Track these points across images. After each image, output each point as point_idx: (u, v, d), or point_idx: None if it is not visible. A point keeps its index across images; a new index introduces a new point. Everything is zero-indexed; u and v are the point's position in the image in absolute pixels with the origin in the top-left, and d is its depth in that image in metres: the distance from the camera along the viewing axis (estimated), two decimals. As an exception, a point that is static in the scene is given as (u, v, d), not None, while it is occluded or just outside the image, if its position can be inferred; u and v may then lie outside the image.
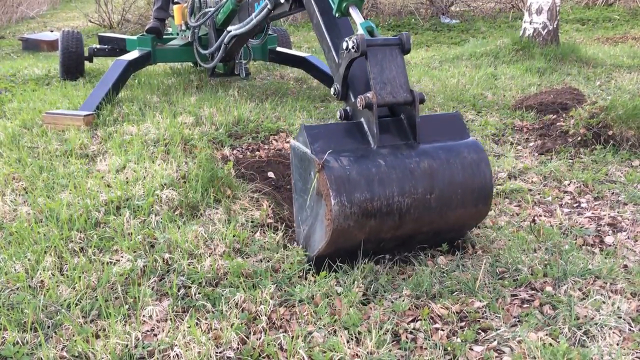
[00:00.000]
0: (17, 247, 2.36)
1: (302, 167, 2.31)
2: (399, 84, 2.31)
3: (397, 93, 2.29)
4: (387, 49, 2.34)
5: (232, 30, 4.06)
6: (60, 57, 5.73)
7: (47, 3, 16.04)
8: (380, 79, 2.29)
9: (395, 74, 2.32)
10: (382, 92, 2.27)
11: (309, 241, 2.35)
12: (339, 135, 2.29)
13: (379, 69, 2.30)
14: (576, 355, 1.75)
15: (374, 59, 2.29)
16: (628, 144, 3.60)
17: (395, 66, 2.33)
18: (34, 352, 1.79)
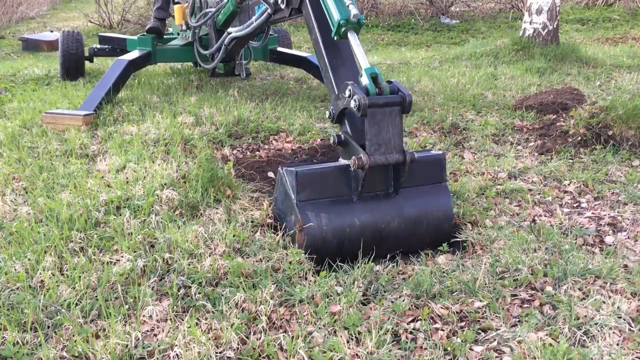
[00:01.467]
0: (17, 247, 2.36)
1: (286, 200, 2.52)
2: (393, 145, 2.39)
3: (390, 155, 2.39)
4: (387, 110, 2.39)
5: (232, 32, 4.06)
6: (60, 57, 5.72)
7: (47, 3, 16.04)
8: (376, 140, 2.37)
9: (391, 135, 2.40)
10: (375, 154, 2.36)
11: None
12: (325, 182, 2.46)
13: (376, 130, 2.37)
14: (576, 355, 1.75)
15: (373, 119, 2.36)
16: (628, 144, 3.59)
17: (392, 127, 2.40)
18: (34, 352, 1.79)
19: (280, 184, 2.55)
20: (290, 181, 2.42)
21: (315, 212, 2.41)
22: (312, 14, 2.77)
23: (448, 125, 4.08)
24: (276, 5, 3.17)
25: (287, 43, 6.29)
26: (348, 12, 2.55)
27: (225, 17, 4.37)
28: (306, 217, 2.40)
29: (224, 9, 4.33)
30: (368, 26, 11.12)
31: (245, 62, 4.93)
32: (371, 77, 2.43)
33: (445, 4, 11.58)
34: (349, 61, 2.69)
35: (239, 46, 4.45)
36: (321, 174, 2.47)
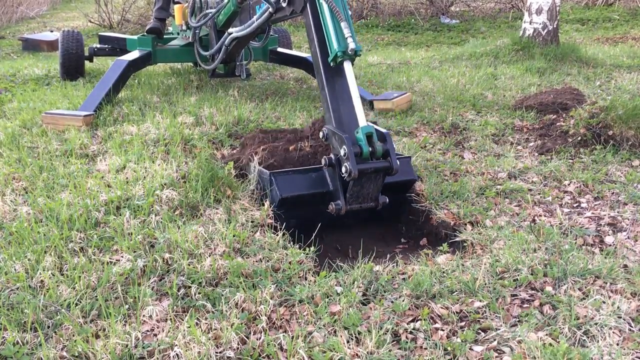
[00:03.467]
0: (17, 247, 2.36)
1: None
2: (370, 197, 2.63)
3: (365, 203, 2.63)
4: (374, 175, 2.54)
5: (232, 32, 4.06)
6: (60, 57, 5.72)
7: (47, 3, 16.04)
8: (356, 195, 2.59)
9: (370, 191, 2.61)
10: (353, 204, 2.60)
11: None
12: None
13: (358, 189, 2.57)
14: (576, 355, 1.75)
15: (358, 182, 2.53)
16: (628, 144, 3.59)
17: (374, 185, 2.59)
18: (34, 352, 1.79)
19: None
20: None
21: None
22: (313, 27, 2.82)
23: (448, 125, 4.08)
24: (277, 4, 3.17)
25: (287, 43, 6.29)
26: (346, 45, 2.63)
27: (226, 17, 4.36)
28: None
29: (225, 9, 4.33)
30: (368, 26, 11.12)
31: (246, 63, 4.93)
32: (366, 135, 2.53)
33: (445, 4, 11.58)
34: (346, 88, 2.74)
35: (240, 46, 4.45)
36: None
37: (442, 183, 3.08)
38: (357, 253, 2.64)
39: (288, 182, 2.71)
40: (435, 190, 3.00)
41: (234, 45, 4.24)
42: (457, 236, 2.64)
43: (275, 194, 2.70)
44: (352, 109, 2.66)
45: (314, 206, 2.72)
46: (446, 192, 2.98)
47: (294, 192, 2.69)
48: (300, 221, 2.73)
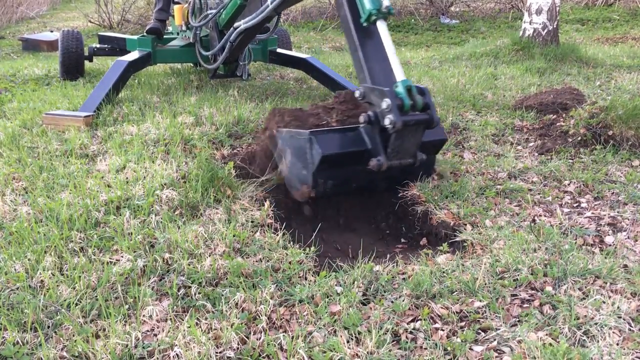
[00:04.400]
0: (17, 247, 2.36)
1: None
2: (408, 153, 2.66)
3: (404, 159, 2.66)
4: (414, 128, 2.59)
5: (241, 24, 4.04)
6: (60, 57, 5.72)
7: (47, 3, 16.04)
8: (397, 149, 2.62)
9: (410, 145, 2.65)
10: (392, 160, 2.62)
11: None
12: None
13: (399, 142, 2.60)
14: (576, 355, 1.75)
15: (399, 135, 2.56)
16: (628, 144, 3.59)
17: (414, 139, 2.64)
18: (34, 352, 1.79)
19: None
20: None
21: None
22: None
23: (448, 125, 4.08)
24: None
25: (287, 43, 6.29)
26: (380, 3, 2.69)
27: (230, 14, 4.35)
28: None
29: (229, 7, 4.32)
30: (368, 26, 11.12)
31: (246, 63, 4.94)
32: (406, 89, 2.57)
33: (445, 4, 11.58)
34: (380, 48, 2.78)
35: (246, 40, 4.44)
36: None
37: (442, 183, 3.08)
38: (357, 253, 2.64)
39: (328, 140, 2.65)
40: (435, 190, 3.00)
41: (240, 39, 4.22)
42: (457, 236, 2.64)
43: (316, 152, 2.62)
44: (386, 68, 2.70)
45: (351, 166, 2.71)
46: (446, 192, 2.98)
47: (334, 150, 2.64)
48: (337, 182, 2.73)
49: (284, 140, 2.84)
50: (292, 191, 2.87)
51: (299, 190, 2.79)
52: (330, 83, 5.12)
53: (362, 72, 2.75)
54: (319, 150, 2.60)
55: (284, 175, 2.90)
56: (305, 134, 2.66)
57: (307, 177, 2.69)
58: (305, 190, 2.72)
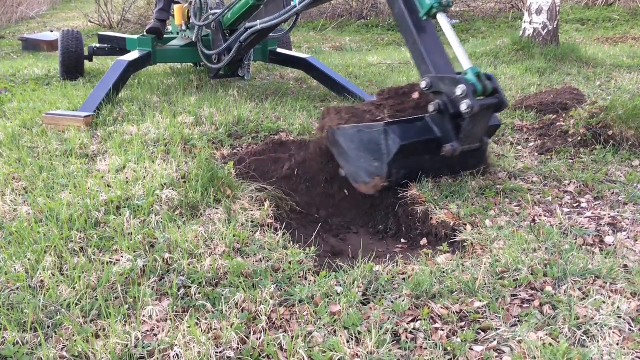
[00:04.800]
0: (17, 247, 2.36)
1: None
2: (477, 137, 2.79)
3: (472, 144, 2.80)
4: (486, 112, 2.70)
5: (257, 25, 4.04)
6: (60, 56, 5.73)
7: (47, 3, 16.04)
8: (468, 134, 2.73)
9: (479, 130, 2.76)
10: (464, 144, 2.74)
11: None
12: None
13: (471, 127, 2.70)
14: (576, 355, 1.75)
15: (471, 120, 2.67)
16: (628, 144, 3.59)
17: (483, 123, 2.76)
18: (34, 352, 1.79)
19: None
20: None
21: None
22: None
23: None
24: None
25: (287, 43, 6.30)
26: None
27: (238, 14, 4.35)
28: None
29: (238, 6, 4.32)
30: (368, 26, 11.12)
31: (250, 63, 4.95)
32: (476, 75, 2.67)
33: (445, 4, 11.57)
34: (436, 40, 2.94)
35: (257, 41, 4.45)
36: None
37: (442, 183, 3.08)
38: (357, 253, 2.65)
39: (402, 130, 2.74)
40: (435, 190, 3.00)
41: (253, 39, 4.23)
42: (457, 236, 2.64)
43: (392, 142, 2.69)
44: (445, 58, 2.88)
45: (421, 155, 2.84)
46: (446, 192, 2.98)
47: (410, 140, 2.73)
48: (407, 171, 2.84)
49: (347, 136, 2.91)
50: (357, 185, 2.96)
51: (368, 182, 2.86)
52: (330, 83, 5.12)
53: (424, 63, 2.86)
54: (397, 140, 2.69)
55: (347, 169, 2.99)
56: (379, 126, 2.74)
57: (381, 168, 2.77)
58: (378, 181, 2.80)
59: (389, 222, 3.11)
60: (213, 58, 4.71)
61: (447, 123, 2.74)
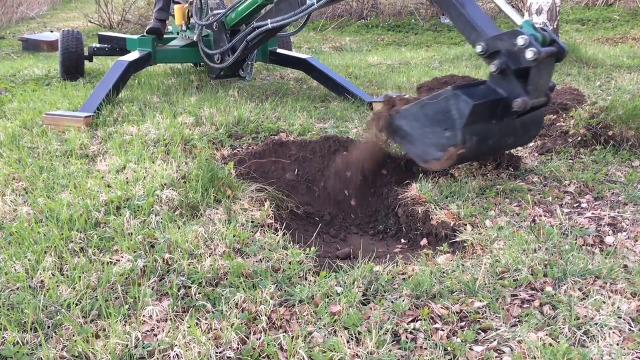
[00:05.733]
0: (17, 247, 2.36)
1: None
2: (543, 91, 2.80)
3: (540, 98, 2.81)
4: (549, 60, 2.71)
5: (268, 24, 4.04)
6: (60, 56, 5.73)
7: (47, 3, 16.04)
8: (535, 85, 2.73)
9: (544, 81, 2.78)
10: (533, 99, 2.73)
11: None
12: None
13: (537, 77, 2.70)
14: (576, 355, 1.75)
15: (538, 68, 2.66)
16: (628, 144, 3.59)
17: (547, 74, 2.78)
18: (34, 352, 1.79)
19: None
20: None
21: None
22: None
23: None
24: None
25: (287, 43, 6.30)
26: None
27: (245, 13, 4.36)
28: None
29: (245, 5, 4.33)
30: (368, 26, 11.13)
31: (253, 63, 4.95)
32: (532, 27, 2.69)
33: (445, 4, 11.57)
34: (479, 9, 3.01)
35: (264, 40, 4.46)
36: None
37: (442, 183, 3.08)
38: (357, 253, 2.65)
39: (470, 92, 2.73)
40: (435, 190, 3.00)
41: (259, 39, 4.23)
42: (457, 236, 2.64)
43: (464, 104, 2.66)
44: (491, 24, 2.92)
45: (489, 121, 2.80)
46: (446, 192, 2.98)
47: (480, 99, 2.70)
48: (478, 138, 2.77)
49: (410, 116, 2.87)
50: (428, 164, 2.88)
51: (439, 157, 2.79)
52: (330, 83, 5.12)
53: (474, 30, 2.90)
54: (468, 101, 2.64)
55: (413, 152, 2.94)
56: (447, 92, 2.71)
57: (454, 136, 2.71)
58: (453, 151, 2.73)
59: (389, 222, 3.11)
60: (216, 58, 4.69)
61: (511, 80, 2.72)
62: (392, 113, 2.94)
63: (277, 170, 3.32)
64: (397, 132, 2.95)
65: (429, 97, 2.78)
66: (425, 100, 2.78)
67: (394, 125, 2.94)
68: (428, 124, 2.79)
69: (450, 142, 2.72)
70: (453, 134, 2.70)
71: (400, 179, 3.26)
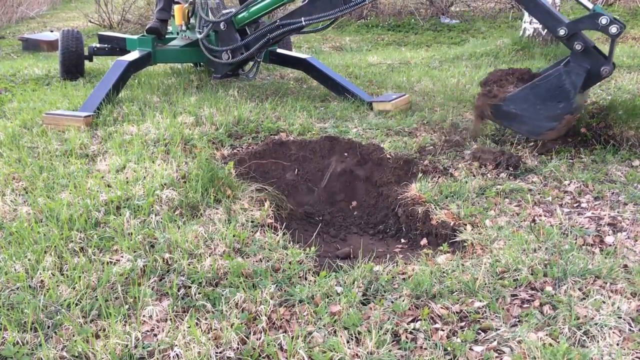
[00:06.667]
0: (17, 247, 2.36)
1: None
2: (611, 62, 3.34)
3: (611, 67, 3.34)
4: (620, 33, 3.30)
5: (302, 21, 4.09)
6: (60, 56, 5.72)
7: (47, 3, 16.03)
8: (612, 55, 3.30)
9: (611, 55, 3.33)
10: (611, 66, 3.31)
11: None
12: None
13: (613, 48, 3.30)
14: (576, 355, 1.75)
15: (614, 41, 3.27)
16: (628, 144, 3.59)
17: (613, 48, 3.34)
18: (34, 352, 1.79)
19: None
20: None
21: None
22: None
23: (448, 125, 4.08)
24: None
25: (287, 43, 6.29)
26: None
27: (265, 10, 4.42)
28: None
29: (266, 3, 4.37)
30: (368, 26, 11.12)
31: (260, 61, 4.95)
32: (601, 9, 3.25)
33: (445, 3, 11.57)
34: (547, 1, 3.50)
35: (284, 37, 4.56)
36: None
37: (442, 183, 3.08)
38: (357, 253, 2.65)
39: (575, 68, 3.27)
40: (435, 190, 3.00)
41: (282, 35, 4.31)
42: (457, 236, 2.64)
43: (576, 78, 3.25)
44: (559, 13, 3.43)
45: (582, 91, 3.39)
46: (446, 192, 2.98)
47: (583, 73, 3.26)
48: (579, 105, 3.38)
49: (519, 100, 3.38)
50: (542, 136, 3.45)
51: (553, 127, 3.37)
52: (330, 83, 5.12)
53: (553, 18, 3.40)
54: (580, 74, 3.25)
55: (524, 129, 3.49)
56: (558, 71, 3.28)
57: (568, 105, 3.28)
58: (570, 118, 3.32)
59: (389, 222, 3.11)
60: (224, 55, 4.64)
61: (592, 55, 3.28)
62: (497, 102, 3.46)
63: (277, 170, 3.32)
64: (506, 117, 3.46)
65: (538, 80, 3.35)
66: (536, 82, 3.34)
67: (502, 112, 3.45)
68: (540, 102, 3.33)
69: (565, 111, 3.29)
70: (568, 104, 3.28)
71: (400, 179, 3.26)
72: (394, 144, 3.64)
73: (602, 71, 3.29)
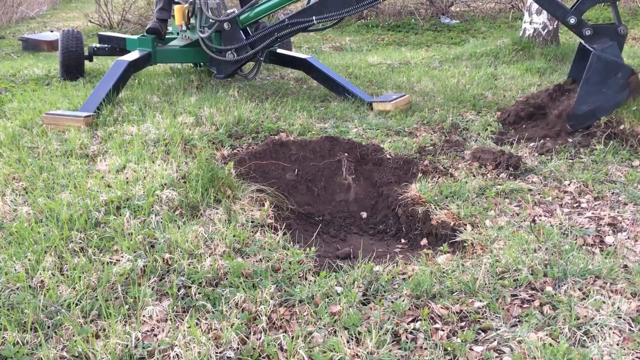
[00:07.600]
0: (17, 247, 2.36)
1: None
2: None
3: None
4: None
5: (313, 20, 4.11)
6: (60, 56, 5.72)
7: (47, 3, 16.03)
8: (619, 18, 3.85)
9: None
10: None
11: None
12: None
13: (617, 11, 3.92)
14: (576, 355, 1.76)
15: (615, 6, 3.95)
16: (637, 139, 3.60)
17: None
18: (34, 352, 1.79)
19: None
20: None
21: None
22: None
23: (448, 125, 4.08)
24: None
25: (287, 43, 6.29)
26: None
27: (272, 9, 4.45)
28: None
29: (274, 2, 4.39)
30: (368, 26, 11.12)
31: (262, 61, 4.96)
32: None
33: (445, 4, 11.57)
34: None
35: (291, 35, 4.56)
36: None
37: (442, 183, 3.08)
38: (358, 253, 2.64)
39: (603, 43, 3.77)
40: (435, 190, 3.00)
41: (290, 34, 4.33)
42: (457, 236, 2.64)
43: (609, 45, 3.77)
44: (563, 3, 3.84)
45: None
46: (446, 192, 2.98)
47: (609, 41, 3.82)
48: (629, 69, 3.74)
49: (584, 98, 3.67)
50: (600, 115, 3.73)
51: (628, 94, 3.73)
52: (330, 83, 5.11)
53: (561, 7, 3.76)
54: (605, 39, 3.81)
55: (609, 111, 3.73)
56: (594, 54, 3.62)
57: (625, 71, 3.70)
58: (634, 78, 3.71)
59: (389, 222, 3.11)
60: (228, 54, 4.62)
61: (602, 29, 3.82)
62: (569, 112, 3.74)
63: (277, 170, 3.32)
64: (586, 117, 3.72)
65: (585, 74, 3.62)
66: (586, 77, 3.62)
67: (579, 116, 3.72)
68: (602, 85, 3.67)
69: (626, 77, 3.71)
70: (623, 70, 3.73)
71: (400, 179, 3.26)
72: (394, 144, 3.64)
73: (620, 31, 3.79)
